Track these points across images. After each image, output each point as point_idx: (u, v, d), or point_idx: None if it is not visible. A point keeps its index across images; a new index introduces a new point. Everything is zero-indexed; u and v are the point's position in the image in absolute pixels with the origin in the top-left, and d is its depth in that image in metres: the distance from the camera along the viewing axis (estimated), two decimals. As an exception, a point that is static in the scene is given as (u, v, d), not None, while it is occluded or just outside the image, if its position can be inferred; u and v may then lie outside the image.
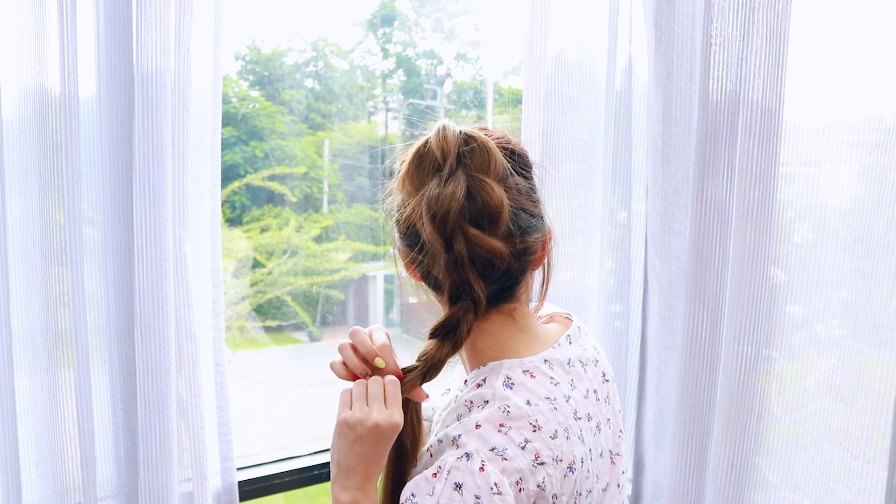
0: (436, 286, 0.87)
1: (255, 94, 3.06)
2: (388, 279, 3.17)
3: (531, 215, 0.86)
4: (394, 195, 0.90)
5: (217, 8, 1.21)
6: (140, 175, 1.12)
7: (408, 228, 0.85)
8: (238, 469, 1.38)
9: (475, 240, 0.81)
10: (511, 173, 0.85)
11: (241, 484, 1.35)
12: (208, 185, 1.25)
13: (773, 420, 1.30)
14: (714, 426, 1.31)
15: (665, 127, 1.36)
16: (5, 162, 1.06)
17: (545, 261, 0.92)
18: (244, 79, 3.06)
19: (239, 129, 2.90)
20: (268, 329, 2.92)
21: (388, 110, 3.19)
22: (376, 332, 0.89)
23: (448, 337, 0.84)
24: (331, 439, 0.87)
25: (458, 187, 0.81)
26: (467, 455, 0.76)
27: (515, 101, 1.48)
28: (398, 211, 0.88)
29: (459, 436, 0.79)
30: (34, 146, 1.10)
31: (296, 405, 2.96)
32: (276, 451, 1.49)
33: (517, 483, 0.76)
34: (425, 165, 0.84)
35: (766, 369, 1.30)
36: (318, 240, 3.04)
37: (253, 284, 2.87)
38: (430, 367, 0.84)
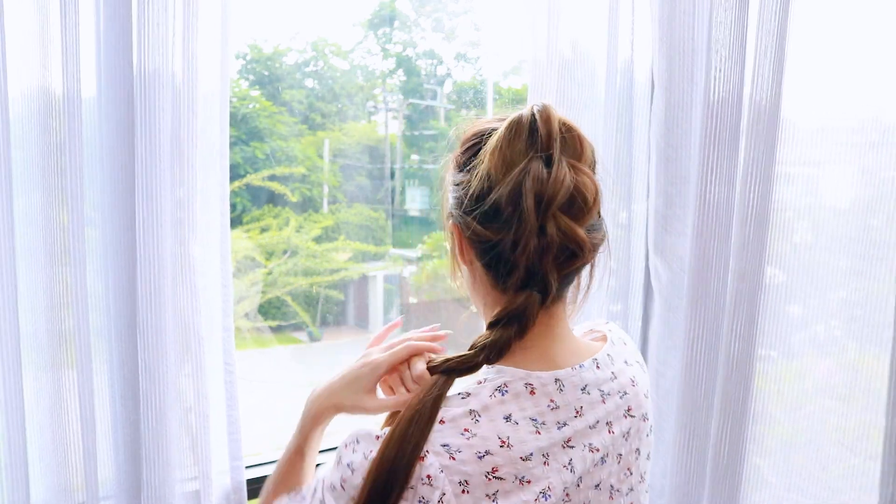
0: (504, 271, 0.81)
1: (255, 93, 3.06)
2: (389, 279, 3.18)
3: (599, 213, 0.85)
4: (473, 165, 0.83)
5: (224, 9, 1.21)
6: (140, 176, 1.13)
7: (492, 204, 0.79)
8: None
9: (567, 229, 0.78)
10: (594, 163, 0.84)
11: (243, 483, 1.35)
12: (217, 185, 1.25)
13: (772, 420, 1.31)
14: (714, 426, 1.32)
15: (667, 128, 1.37)
16: (11, 162, 1.06)
17: (592, 262, 0.89)
18: (244, 78, 3.06)
19: (239, 129, 2.90)
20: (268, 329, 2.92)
21: (388, 110, 3.20)
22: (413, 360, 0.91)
23: (512, 324, 0.80)
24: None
25: (566, 172, 0.78)
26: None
27: (515, 101, 1.48)
28: (479, 184, 0.81)
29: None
30: (37, 146, 1.10)
31: (296, 405, 2.97)
32: (276, 451, 1.49)
33: (460, 484, 0.75)
34: (523, 141, 0.80)
35: (764, 369, 1.31)
36: (318, 240, 3.05)
37: (253, 284, 2.87)
38: (495, 351, 0.81)
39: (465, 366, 0.82)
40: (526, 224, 0.77)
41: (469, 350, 0.82)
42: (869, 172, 1.23)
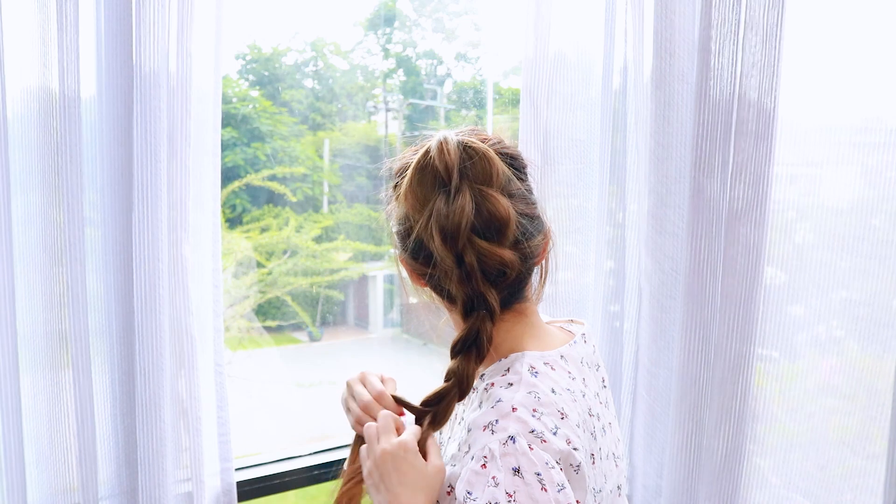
0: (449, 299, 0.87)
1: (255, 94, 3.06)
2: (388, 279, 3.17)
3: (532, 218, 0.87)
4: (395, 206, 0.90)
5: (218, 9, 1.20)
6: (137, 176, 1.13)
7: (415, 243, 0.85)
8: (238, 469, 1.38)
9: (486, 252, 0.81)
10: (511, 179, 0.86)
11: (241, 484, 1.35)
12: (209, 185, 1.24)
13: (774, 419, 1.30)
14: (712, 426, 1.31)
15: (657, 127, 1.36)
16: (9, 162, 1.06)
17: (544, 258, 0.93)
18: (244, 79, 3.06)
19: (239, 129, 2.90)
20: (268, 329, 2.91)
21: (388, 110, 3.19)
22: (371, 379, 0.90)
23: (470, 351, 0.84)
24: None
25: (466, 202, 0.81)
26: (512, 438, 0.76)
27: (515, 101, 1.48)
28: (402, 224, 0.88)
29: (497, 420, 0.78)
30: (36, 146, 1.10)
31: (296, 405, 2.96)
32: (276, 451, 1.49)
33: (557, 462, 0.77)
34: (428, 179, 0.84)
35: (766, 369, 1.30)
36: (318, 240, 3.04)
37: (253, 284, 2.87)
38: (462, 384, 0.84)
39: (443, 398, 0.84)
40: (443, 258, 0.82)
41: (444, 382, 0.85)
42: (871, 172, 1.22)
